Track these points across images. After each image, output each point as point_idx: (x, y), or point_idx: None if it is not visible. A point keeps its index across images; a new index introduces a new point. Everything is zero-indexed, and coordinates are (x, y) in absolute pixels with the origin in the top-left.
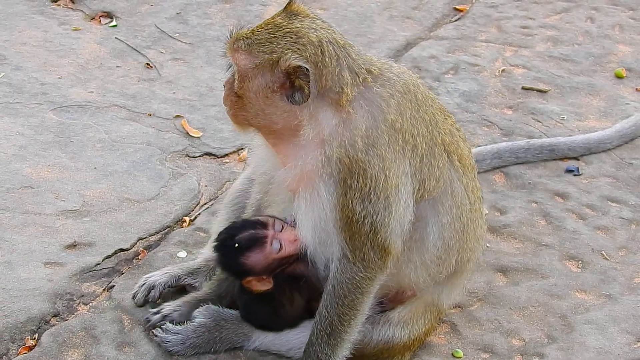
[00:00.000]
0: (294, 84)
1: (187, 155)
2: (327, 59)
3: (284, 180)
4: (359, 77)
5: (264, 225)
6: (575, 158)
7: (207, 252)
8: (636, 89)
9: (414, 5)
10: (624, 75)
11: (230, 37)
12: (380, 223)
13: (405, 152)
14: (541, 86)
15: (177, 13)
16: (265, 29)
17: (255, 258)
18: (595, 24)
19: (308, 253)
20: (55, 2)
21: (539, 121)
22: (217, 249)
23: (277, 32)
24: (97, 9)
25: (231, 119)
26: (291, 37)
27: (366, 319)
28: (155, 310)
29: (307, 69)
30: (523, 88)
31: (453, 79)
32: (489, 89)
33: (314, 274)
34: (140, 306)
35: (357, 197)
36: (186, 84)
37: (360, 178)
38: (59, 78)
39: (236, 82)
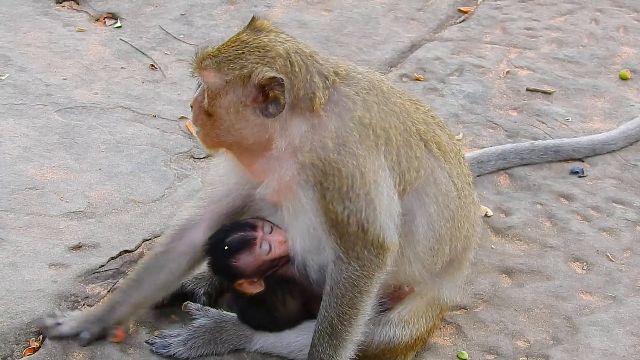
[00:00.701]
0: (267, 96)
1: (192, 157)
2: (296, 69)
3: (264, 196)
4: (328, 79)
5: (253, 227)
6: (580, 159)
7: None
8: None
9: (418, 7)
10: (629, 76)
11: (197, 56)
12: (366, 220)
13: (378, 146)
14: (546, 88)
15: (182, 14)
16: (232, 46)
17: (245, 260)
18: (600, 25)
19: (298, 259)
20: (60, 3)
21: (543, 123)
22: (208, 252)
23: (244, 48)
24: (102, 10)
25: (201, 139)
26: (259, 52)
27: (367, 319)
28: (52, 315)
29: (281, 79)
30: (528, 90)
31: (458, 80)
32: (493, 90)
33: (305, 277)
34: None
35: (336, 197)
36: (191, 85)
37: (336, 179)
38: (64, 79)
39: (206, 100)
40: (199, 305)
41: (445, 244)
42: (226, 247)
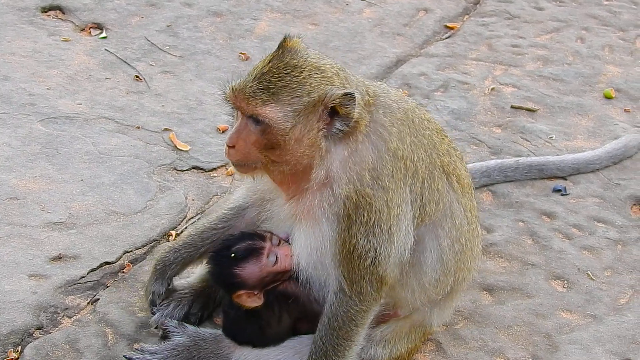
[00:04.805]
0: (334, 116)
1: (175, 169)
2: (348, 84)
3: (287, 212)
4: (364, 98)
5: (261, 237)
6: (563, 178)
7: (199, 271)
8: (625, 110)
9: (405, 22)
10: (613, 95)
11: (237, 91)
12: (382, 255)
13: (406, 179)
14: (530, 105)
15: (168, 26)
16: (285, 73)
17: (250, 269)
18: (586, 44)
19: (301, 276)
20: (45, 12)
21: (527, 140)
22: (211, 258)
23: (301, 72)
24: (87, 20)
25: (240, 170)
26: (317, 73)
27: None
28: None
29: (353, 93)
30: (512, 107)
31: (442, 96)
32: (478, 107)
33: (306, 294)
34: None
35: (361, 231)
36: (175, 97)
37: (366, 212)
38: (48, 89)
39: (266, 135)
40: (176, 322)
41: (450, 276)
42: (233, 255)
